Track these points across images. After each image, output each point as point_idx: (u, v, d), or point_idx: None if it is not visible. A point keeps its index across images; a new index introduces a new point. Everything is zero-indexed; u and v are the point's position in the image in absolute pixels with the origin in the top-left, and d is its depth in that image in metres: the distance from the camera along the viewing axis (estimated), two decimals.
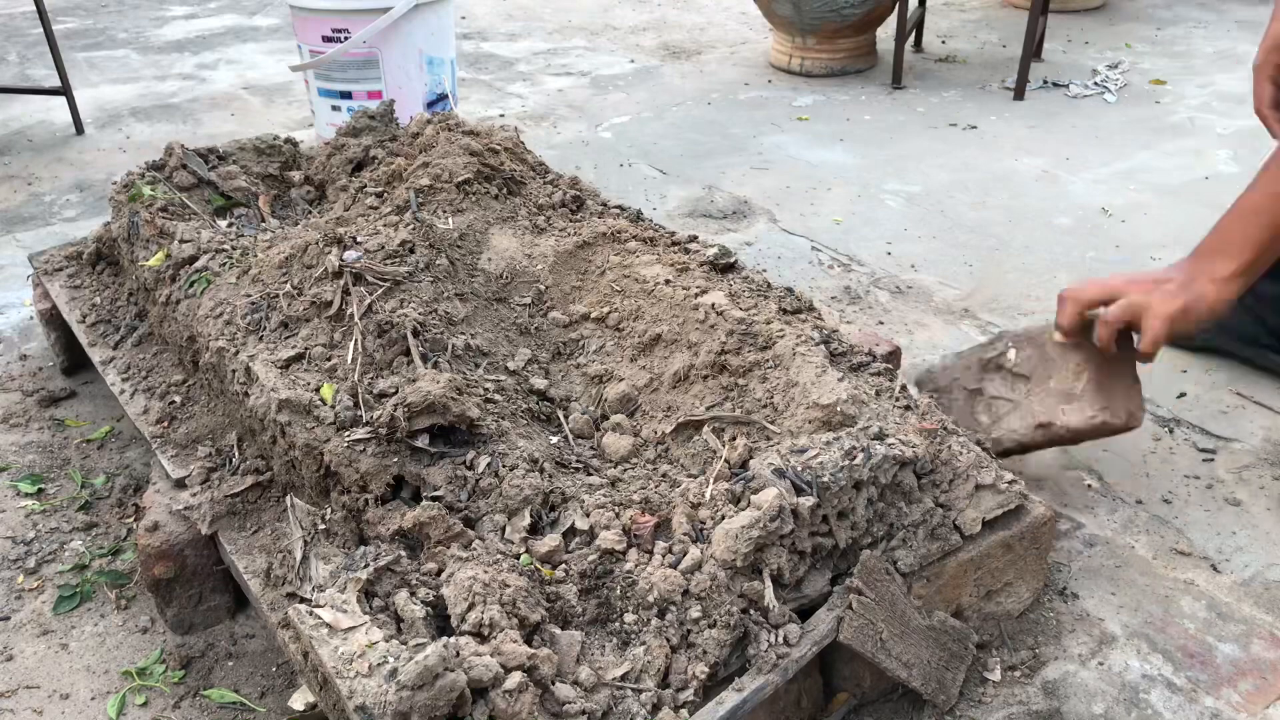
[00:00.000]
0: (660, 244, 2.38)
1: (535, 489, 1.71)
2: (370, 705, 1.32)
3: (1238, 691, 1.78)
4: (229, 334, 2.08)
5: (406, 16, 3.64)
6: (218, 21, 6.42)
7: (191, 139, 4.35)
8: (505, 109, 4.80)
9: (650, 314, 2.13)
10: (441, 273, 2.17)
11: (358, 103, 3.74)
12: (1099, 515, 2.19)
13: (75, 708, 1.82)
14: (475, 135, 2.63)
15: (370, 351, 1.92)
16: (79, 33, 6.16)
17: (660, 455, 1.92)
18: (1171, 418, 2.50)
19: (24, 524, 2.24)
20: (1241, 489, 2.26)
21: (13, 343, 2.94)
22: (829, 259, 3.31)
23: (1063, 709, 1.74)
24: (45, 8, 4.34)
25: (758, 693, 1.49)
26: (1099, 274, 3.15)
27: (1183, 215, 3.54)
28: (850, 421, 1.77)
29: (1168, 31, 5.69)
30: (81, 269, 2.74)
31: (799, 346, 1.91)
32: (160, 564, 1.87)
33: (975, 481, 1.77)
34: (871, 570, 1.62)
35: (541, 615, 1.49)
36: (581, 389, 2.10)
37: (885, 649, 1.61)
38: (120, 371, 2.34)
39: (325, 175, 2.78)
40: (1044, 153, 4.12)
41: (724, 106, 4.74)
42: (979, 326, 2.90)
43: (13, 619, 2.01)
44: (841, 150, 4.20)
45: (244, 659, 1.92)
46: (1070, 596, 1.97)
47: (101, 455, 2.47)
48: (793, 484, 1.60)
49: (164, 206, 2.55)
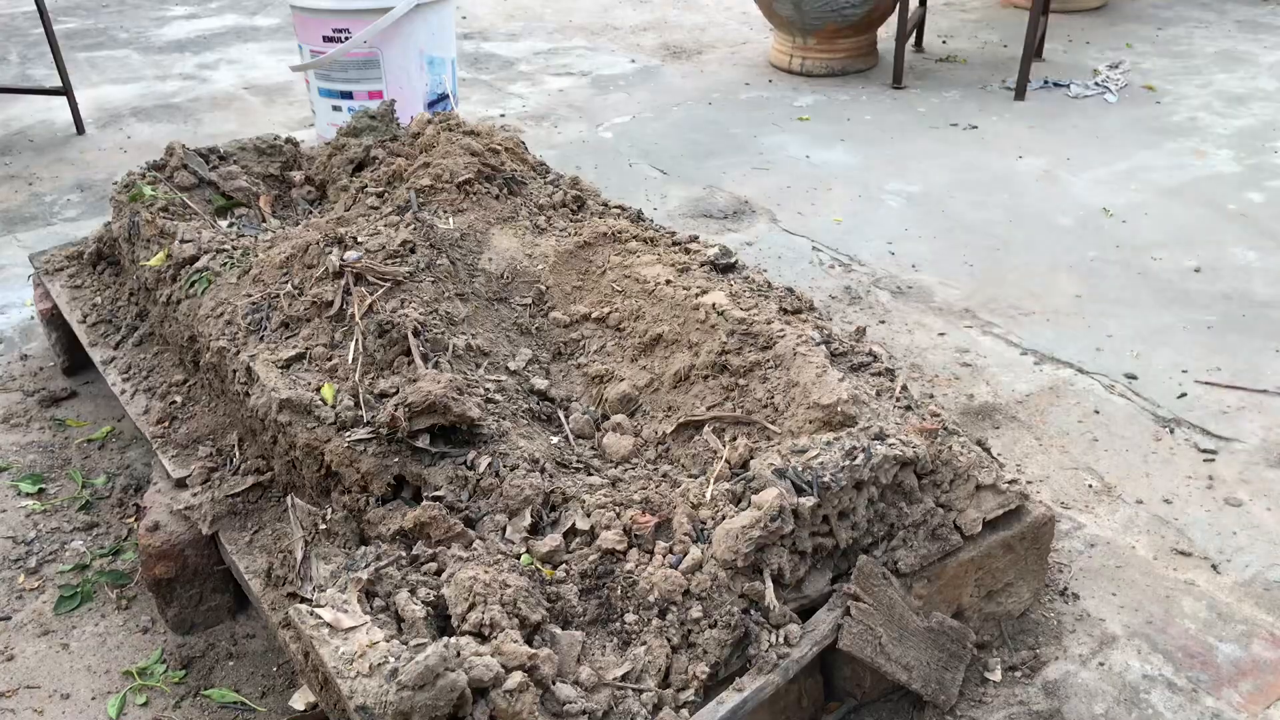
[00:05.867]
0: (661, 244, 2.38)
1: (536, 489, 1.71)
2: (371, 705, 1.32)
3: (1238, 691, 1.77)
4: (230, 334, 2.08)
5: (407, 17, 3.64)
6: (218, 21, 6.42)
7: (192, 139, 4.35)
8: (506, 109, 4.80)
9: (651, 314, 2.13)
10: (442, 273, 2.17)
11: (358, 103, 3.74)
12: (1099, 515, 2.19)
13: (76, 707, 1.82)
14: (476, 135, 2.63)
15: (371, 351, 1.92)
16: (80, 33, 6.16)
17: (661, 455, 1.92)
18: (1172, 418, 2.50)
19: (25, 524, 2.24)
20: (1242, 489, 2.26)
21: (13, 343, 2.94)
22: (829, 259, 3.31)
23: (1063, 709, 1.74)
24: (46, 8, 4.34)
25: (758, 693, 1.49)
26: (1100, 274, 3.16)
27: (1183, 215, 3.54)
28: (851, 421, 1.78)
29: (1168, 31, 5.69)
30: (82, 269, 2.74)
31: (799, 346, 1.91)
32: (161, 564, 1.87)
33: (976, 482, 1.77)
34: (869, 575, 1.62)
35: (542, 615, 1.49)
36: (582, 389, 2.10)
37: (884, 653, 1.61)
38: (121, 371, 2.34)
39: (326, 175, 2.78)
40: (1045, 153, 4.12)
41: (725, 106, 4.74)
42: (980, 326, 2.91)
43: (14, 619, 2.01)
44: (842, 150, 4.20)
45: (245, 659, 1.92)
46: (1071, 597, 1.97)
47: (102, 455, 2.47)
48: (793, 484, 1.60)
49: (165, 206, 2.55)
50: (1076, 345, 2.80)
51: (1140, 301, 3.01)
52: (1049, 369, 2.70)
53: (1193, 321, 2.90)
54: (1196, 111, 4.50)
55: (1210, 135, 4.24)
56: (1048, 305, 3.00)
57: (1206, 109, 4.53)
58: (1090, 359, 2.74)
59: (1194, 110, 4.52)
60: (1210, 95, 4.70)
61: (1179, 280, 3.12)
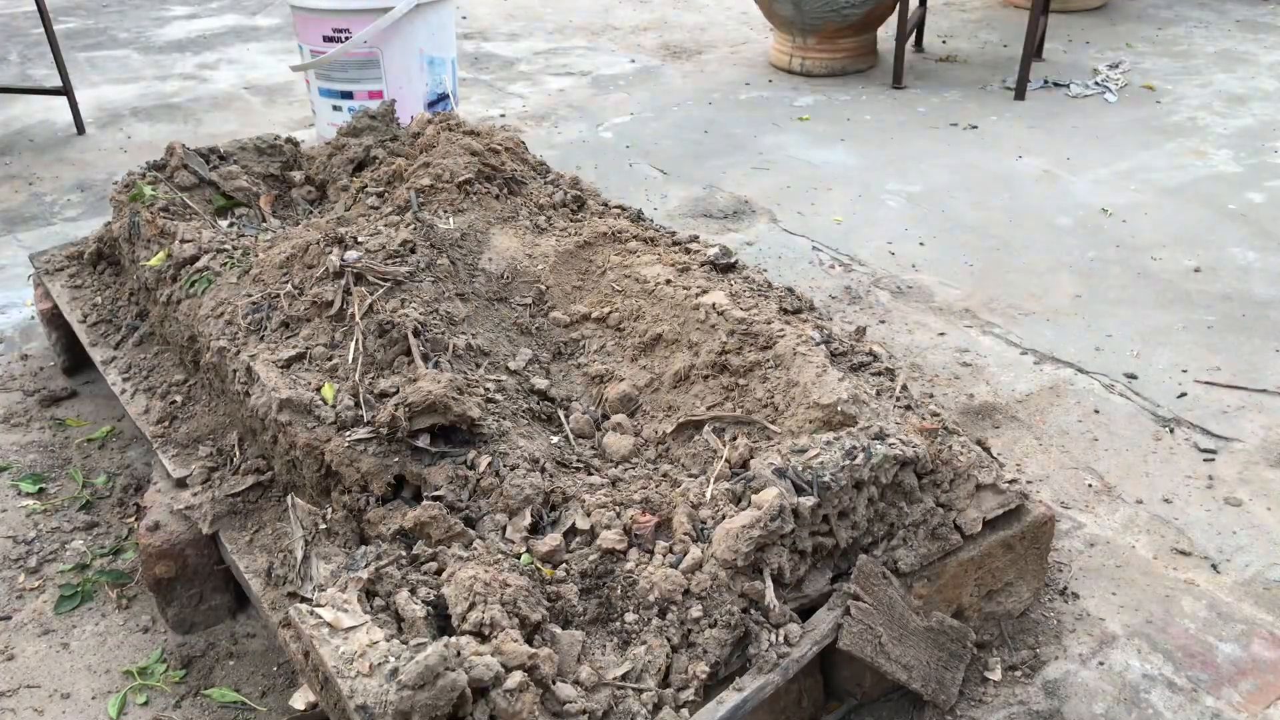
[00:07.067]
0: (661, 244, 2.38)
1: (536, 489, 1.71)
2: (371, 705, 1.32)
3: (1238, 691, 1.78)
4: (230, 334, 2.08)
5: (407, 17, 3.64)
6: (219, 21, 6.43)
7: (193, 139, 4.35)
8: (506, 109, 4.80)
9: (651, 314, 2.13)
10: (442, 273, 2.17)
11: (359, 103, 3.74)
12: (1099, 515, 2.19)
13: (76, 707, 1.82)
14: (476, 135, 2.63)
15: (371, 351, 1.92)
16: (80, 33, 6.16)
17: (661, 455, 1.92)
18: (1172, 418, 2.50)
19: (25, 524, 2.24)
20: (1242, 489, 2.26)
21: (14, 342, 2.94)
22: (830, 259, 3.31)
23: (1063, 709, 1.74)
24: (46, 8, 4.34)
25: (758, 692, 1.49)
26: (1100, 274, 3.16)
27: (1183, 215, 3.54)
28: (851, 421, 1.78)
29: (1168, 31, 5.69)
30: (82, 269, 2.74)
31: (799, 346, 1.91)
32: (161, 563, 1.87)
33: (976, 481, 1.77)
34: (869, 575, 1.62)
35: (542, 615, 1.49)
36: (582, 389, 2.10)
37: (884, 653, 1.61)
38: (121, 371, 2.34)
39: (326, 175, 2.78)
40: (1044, 153, 4.12)
41: (725, 106, 4.74)
42: (980, 326, 2.91)
43: (14, 618, 2.01)
44: (842, 150, 4.20)
45: (245, 658, 1.92)
46: (1071, 596, 1.97)
47: (102, 455, 2.47)
48: (793, 484, 1.60)
49: (165, 206, 2.55)
50: (1076, 345, 2.80)
51: (1140, 301, 3.01)
52: (1049, 369, 2.70)
53: (1193, 321, 2.90)
54: (1196, 111, 4.50)
55: (1210, 135, 4.24)
56: (1047, 305, 3.00)
57: (1206, 109, 4.53)
58: (1090, 359, 2.74)
59: (1194, 110, 4.52)
60: (1210, 95, 4.70)
61: (1179, 280, 3.12)
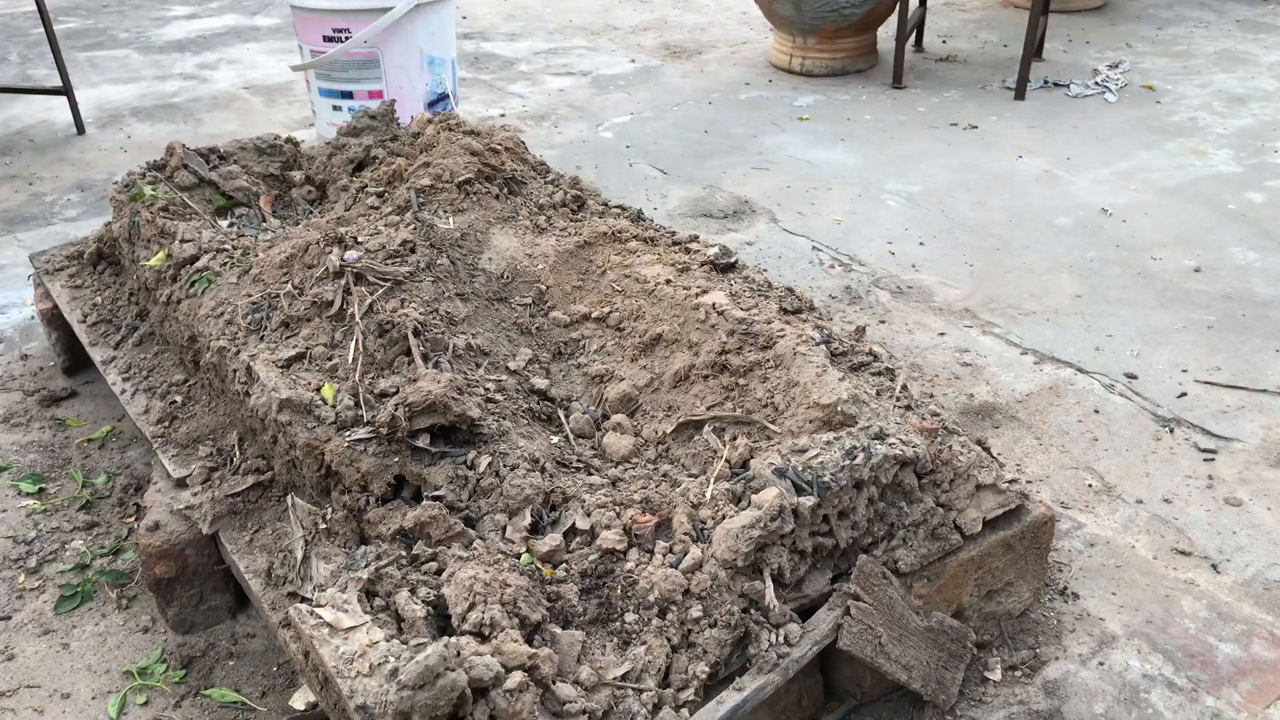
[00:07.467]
0: (661, 244, 2.38)
1: (536, 489, 1.71)
2: (371, 705, 1.32)
3: (1238, 691, 1.78)
4: (230, 334, 2.08)
5: (407, 16, 3.64)
6: (219, 21, 6.43)
7: (193, 139, 4.35)
8: (506, 109, 4.80)
9: (651, 314, 2.13)
10: (442, 272, 2.17)
11: (359, 103, 3.74)
12: (1099, 515, 2.19)
13: (76, 707, 1.82)
14: (476, 135, 2.63)
15: (371, 351, 1.92)
16: (80, 33, 6.16)
17: (661, 455, 1.92)
18: (1172, 418, 2.50)
19: (25, 524, 2.24)
20: (1242, 489, 2.26)
21: (14, 342, 2.94)
22: (830, 259, 3.31)
23: (1063, 709, 1.74)
24: (46, 7, 4.34)
25: (758, 692, 1.49)
26: (1100, 274, 3.16)
27: (1183, 215, 3.54)
28: (851, 421, 1.78)
29: (1168, 31, 5.69)
30: (82, 269, 2.74)
31: (799, 346, 1.91)
32: (161, 563, 1.87)
33: (976, 481, 1.77)
34: (869, 575, 1.62)
35: (542, 615, 1.49)
36: (582, 389, 2.10)
37: (884, 653, 1.61)
38: (121, 371, 2.34)
39: (326, 175, 2.78)
40: (1044, 153, 4.12)
41: (725, 106, 4.74)
42: (980, 326, 2.91)
43: (14, 618, 2.01)
44: (842, 150, 4.20)
45: (245, 658, 1.92)
46: (1071, 596, 1.97)
47: (102, 455, 2.47)
48: (793, 484, 1.60)
49: (165, 206, 2.55)
50: (1076, 345, 2.80)
51: (1140, 301, 3.01)
52: (1049, 369, 2.70)
53: (1193, 321, 2.90)
54: (1196, 111, 4.50)
55: (1210, 135, 4.24)
56: (1047, 305, 3.00)
57: (1206, 109, 4.53)
58: (1090, 359, 2.74)
59: (1194, 110, 4.52)
60: (1210, 95, 4.70)
61: (1179, 280, 3.12)
